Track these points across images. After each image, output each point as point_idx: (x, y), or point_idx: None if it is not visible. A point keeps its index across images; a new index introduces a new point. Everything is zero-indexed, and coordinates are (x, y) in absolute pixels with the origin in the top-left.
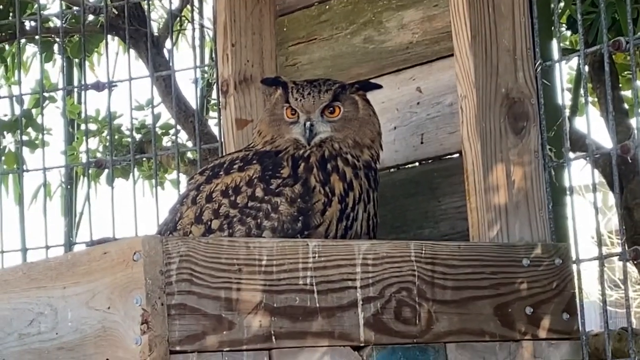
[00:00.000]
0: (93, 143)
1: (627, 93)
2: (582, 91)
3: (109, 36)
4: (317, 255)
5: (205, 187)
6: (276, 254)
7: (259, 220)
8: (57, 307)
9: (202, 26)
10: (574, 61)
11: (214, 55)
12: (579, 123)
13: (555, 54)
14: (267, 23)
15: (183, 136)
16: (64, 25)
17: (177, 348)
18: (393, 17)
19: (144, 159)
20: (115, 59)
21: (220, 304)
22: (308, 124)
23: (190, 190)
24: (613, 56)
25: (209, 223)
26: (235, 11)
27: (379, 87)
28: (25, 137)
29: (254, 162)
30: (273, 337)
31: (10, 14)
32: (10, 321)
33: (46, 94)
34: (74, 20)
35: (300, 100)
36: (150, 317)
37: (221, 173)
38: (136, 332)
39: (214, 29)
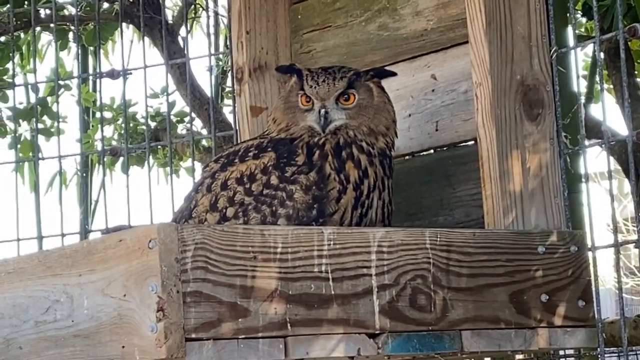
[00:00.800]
0: (108, 131)
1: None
2: (597, 78)
3: (124, 24)
4: (332, 242)
5: (220, 175)
6: (291, 241)
7: (274, 208)
8: (73, 294)
9: (216, 14)
10: (589, 48)
11: (228, 43)
12: (595, 110)
13: (571, 41)
14: (282, 10)
15: (198, 124)
16: (78, 13)
17: (193, 335)
18: (408, 4)
19: (159, 146)
20: (130, 47)
21: (235, 291)
22: (323, 111)
23: (206, 177)
24: (629, 43)
25: (224, 211)
26: None
27: (394, 74)
28: (40, 125)
29: (269, 149)
30: (288, 325)
31: (26, 3)
32: (26, 309)
33: (61, 82)
34: (88, 8)
35: (315, 87)
36: (165, 304)
37: (236, 161)
38: (152, 320)
39: (228, 16)
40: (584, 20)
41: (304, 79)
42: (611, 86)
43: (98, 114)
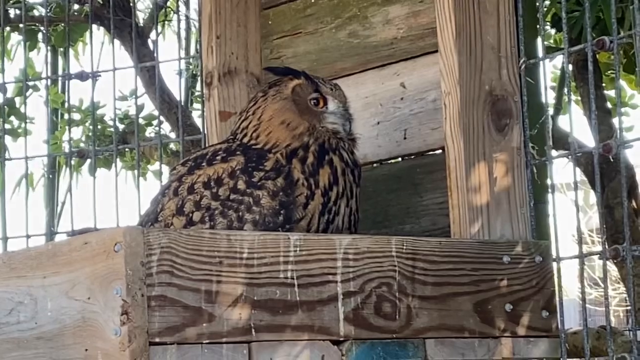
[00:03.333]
0: (77, 133)
1: (610, 92)
2: (565, 90)
3: (94, 26)
4: (298, 248)
5: (187, 179)
6: (257, 247)
7: (240, 213)
8: (37, 296)
9: (187, 17)
10: (558, 59)
11: (198, 47)
12: (563, 121)
13: (540, 52)
14: (252, 15)
15: (166, 127)
16: (48, 14)
17: (157, 339)
18: (378, 12)
19: (127, 149)
20: (100, 49)
21: (200, 296)
22: (348, 114)
23: (172, 181)
24: (597, 55)
25: (191, 215)
26: (221, 3)
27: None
28: (7, 126)
29: (238, 153)
30: (253, 330)
31: None
32: None
33: (30, 83)
34: (58, 9)
35: (335, 90)
36: (130, 308)
37: (204, 164)
38: (116, 323)
39: (199, 20)
40: (553, 31)
41: (317, 83)
42: (579, 98)
43: (66, 116)
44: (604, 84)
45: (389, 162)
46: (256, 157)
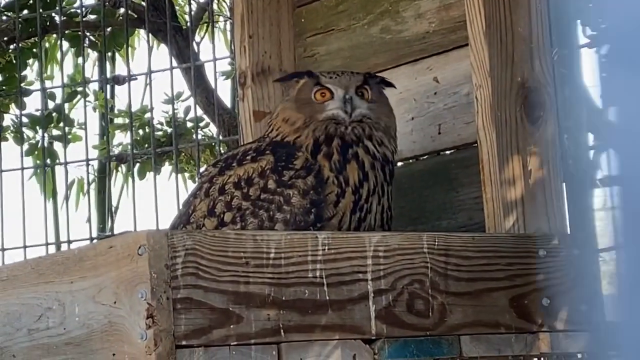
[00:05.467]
0: (124, 137)
1: None
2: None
3: (142, 30)
4: (326, 247)
5: (218, 179)
6: (284, 246)
7: (271, 213)
8: (65, 302)
9: (229, 18)
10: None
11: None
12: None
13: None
14: (285, 14)
15: (214, 129)
16: (93, 20)
17: (184, 342)
18: (410, 7)
19: (172, 152)
20: (149, 52)
21: (227, 297)
22: (348, 96)
23: (204, 182)
24: None
25: (222, 216)
26: (253, 2)
27: (394, 86)
28: (57, 132)
29: (267, 152)
30: (282, 331)
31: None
32: (19, 316)
33: (79, 89)
34: (105, 15)
35: (336, 77)
36: (155, 311)
37: (234, 164)
38: (141, 327)
39: (231, 20)
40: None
41: (318, 75)
42: None
43: (115, 120)
44: None
45: (424, 157)
46: (285, 155)
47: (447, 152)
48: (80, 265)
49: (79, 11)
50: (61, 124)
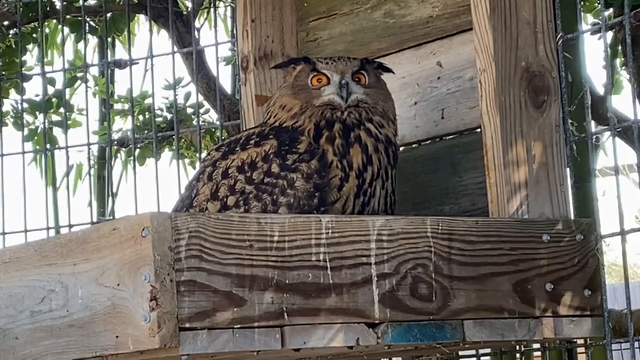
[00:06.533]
0: (124, 123)
1: None
2: (604, 64)
3: (143, 15)
4: (330, 231)
5: (221, 163)
6: (288, 229)
7: (274, 197)
8: (68, 284)
9: (231, 3)
10: (609, 35)
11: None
12: (617, 100)
13: (584, 27)
14: None
15: (214, 115)
16: (93, 5)
17: (187, 325)
18: None
19: (173, 137)
20: (150, 38)
21: (230, 280)
22: (344, 81)
23: (207, 166)
24: None
25: (225, 199)
26: None
27: (392, 71)
28: (57, 117)
29: (271, 137)
30: (285, 314)
31: None
32: (22, 299)
33: (79, 74)
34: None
35: (332, 63)
36: (159, 293)
37: (237, 149)
38: (145, 309)
39: (234, 4)
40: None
41: (314, 61)
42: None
43: (115, 106)
44: None
45: (427, 142)
46: (289, 140)
47: (451, 137)
48: (83, 248)
49: None
50: (61, 109)
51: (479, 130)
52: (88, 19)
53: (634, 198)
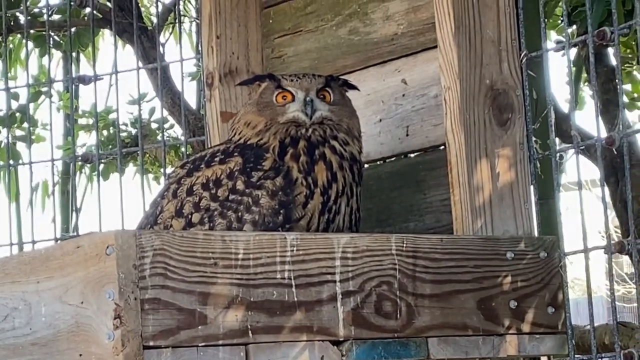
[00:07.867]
0: (87, 138)
1: (626, 87)
2: (568, 81)
3: (108, 30)
4: (295, 248)
5: (186, 180)
6: (253, 247)
7: (239, 214)
8: (31, 302)
9: (196, 19)
10: (572, 53)
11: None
12: (580, 116)
13: (548, 45)
14: (253, 15)
15: (179, 131)
16: (58, 19)
17: (151, 343)
18: (378, 9)
19: (137, 153)
20: (115, 52)
21: (195, 298)
22: (308, 98)
23: (172, 183)
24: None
25: (190, 216)
26: (220, 3)
27: (357, 89)
28: (21, 132)
29: (235, 154)
30: (250, 332)
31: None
32: None
33: (43, 89)
34: (69, 14)
35: (297, 80)
36: (123, 311)
37: (202, 166)
38: (109, 327)
39: (199, 20)
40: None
41: (279, 78)
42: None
43: (80, 121)
44: (614, 79)
45: (392, 159)
46: (254, 157)
47: (415, 154)
48: (47, 265)
49: (44, 11)
50: (25, 124)
51: (443, 147)
52: (52, 34)
53: (597, 212)
